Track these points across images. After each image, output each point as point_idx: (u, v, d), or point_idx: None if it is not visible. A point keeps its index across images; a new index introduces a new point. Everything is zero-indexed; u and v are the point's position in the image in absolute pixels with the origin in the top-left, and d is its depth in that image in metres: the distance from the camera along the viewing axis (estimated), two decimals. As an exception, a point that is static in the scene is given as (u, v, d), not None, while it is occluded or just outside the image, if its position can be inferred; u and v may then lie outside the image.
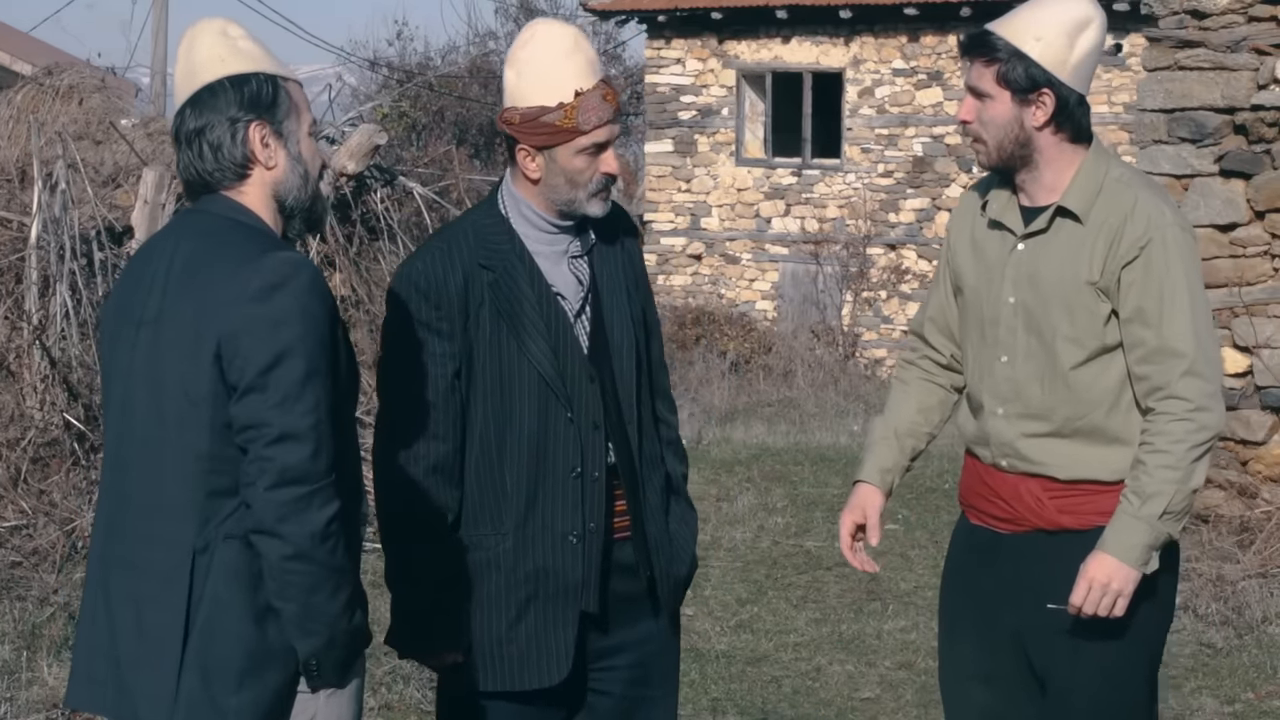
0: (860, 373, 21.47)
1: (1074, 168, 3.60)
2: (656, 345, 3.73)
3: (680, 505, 3.74)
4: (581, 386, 3.51)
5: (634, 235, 3.71)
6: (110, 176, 11.33)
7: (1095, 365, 3.57)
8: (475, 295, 3.46)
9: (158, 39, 26.15)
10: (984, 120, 3.61)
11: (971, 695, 3.76)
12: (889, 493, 3.86)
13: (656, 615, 3.67)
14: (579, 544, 3.51)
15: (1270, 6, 8.79)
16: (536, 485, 3.49)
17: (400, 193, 12.92)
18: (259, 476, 2.85)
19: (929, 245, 22.23)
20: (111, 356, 3.07)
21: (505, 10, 36.08)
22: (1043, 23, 3.54)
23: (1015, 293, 3.62)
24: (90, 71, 14.46)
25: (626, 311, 3.59)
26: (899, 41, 22.33)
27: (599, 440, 3.53)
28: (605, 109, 3.44)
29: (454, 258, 3.47)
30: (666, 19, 23.21)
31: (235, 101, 3.01)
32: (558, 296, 3.52)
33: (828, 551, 9.46)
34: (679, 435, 3.81)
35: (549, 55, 3.43)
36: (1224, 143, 8.88)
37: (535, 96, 3.42)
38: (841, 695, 6.78)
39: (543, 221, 3.53)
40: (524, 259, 3.50)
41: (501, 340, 3.47)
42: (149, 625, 2.95)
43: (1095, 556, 3.49)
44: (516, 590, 3.51)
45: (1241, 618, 7.77)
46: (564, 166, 3.45)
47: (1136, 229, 3.51)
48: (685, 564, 3.71)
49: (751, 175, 23.25)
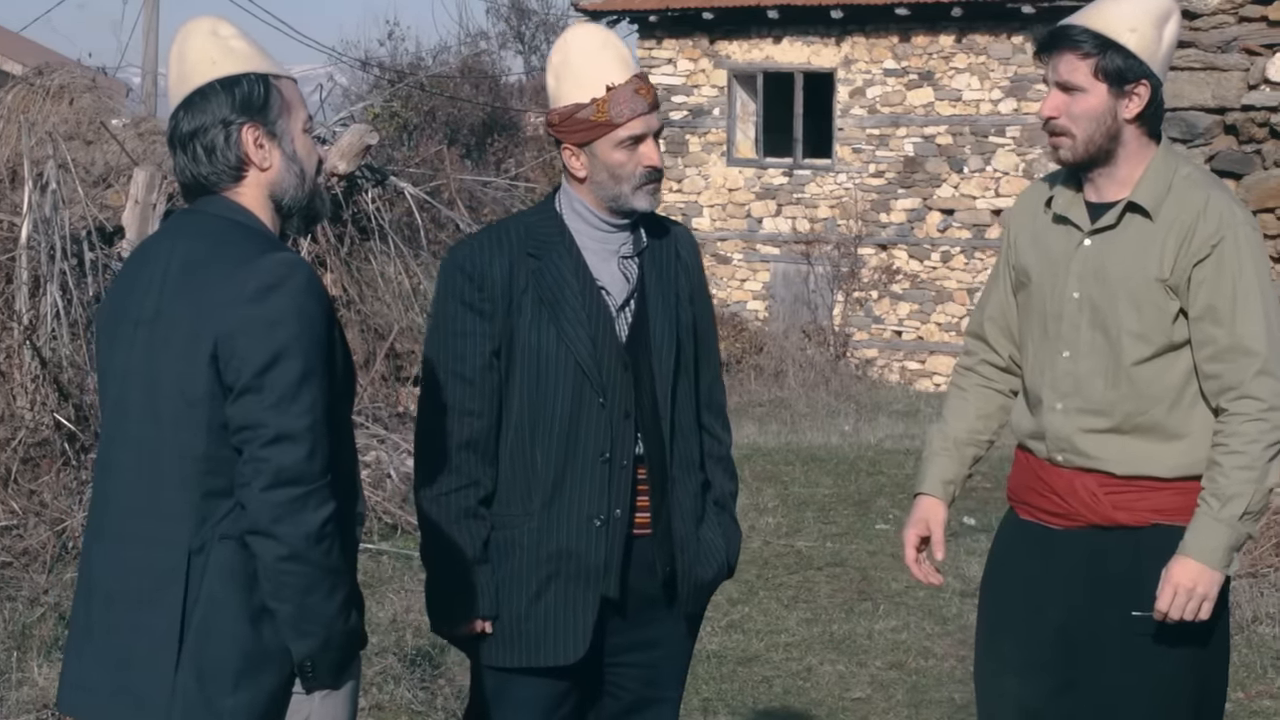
0: (851, 373, 21.49)
1: (1144, 164, 3.59)
2: (710, 360, 3.81)
3: (724, 519, 3.81)
4: (615, 374, 3.60)
5: (694, 252, 3.80)
6: (101, 176, 11.32)
7: (1160, 362, 3.56)
8: (519, 281, 3.58)
9: (149, 39, 26.12)
10: (1074, 114, 3.56)
11: (1008, 688, 3.72)
12: (951, 503, 3.85)
13: (674, 617, 3.73)
14: (603, 528, 3.59)
15: (1261, 7, 8.81)
16: (565, 467, 3.58)
17: (391, 193, 12.92)
18: (254, 477, 2.84)
19: (920, 245, 22.25)
20: (107, 357, 3.06)
21: (497, 10, 36.09)
22: (1134, 14, 3.53)
23: (1080, 288, 3.61)
24: (81, 71, 14.44)
25: (673, 315, 3.68)
26: (890, 42, 22.35)
27: (629, 429, 3.61)
28: (638, 101, 3.55)
29: (502, 244, 3.62)
30: (658, 19, 23.21)
31: (227, 104, 3.00)
32: (602, 290, 3.62)
33: (819, 551, 9.47)
34: (730, 455, 3.86)
35: (580, 55, 3.57)
36: (1215, 143, 8.90)
37: (571, 95, 3.56)
38: (832, 695, 6.78)
39: (595, 218, 3.64)
40: (572, 251, 3.62)
41: (542, 325, 3.57)
42: (144, 626, 2.94)
43: (1179, 561, 3.48)
44: (539, 569, 3.60)
45: (1232, 617, 7.76)
46: (605, 161, 3.57)
47: (1209, 227, 3.50)
48: (712, 568, 3.75)
49: (743, 175, 23.25)
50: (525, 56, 36.10)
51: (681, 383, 3.69)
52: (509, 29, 36.46)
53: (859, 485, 12.03)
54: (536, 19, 36.28)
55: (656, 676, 3.73)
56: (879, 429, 15.49)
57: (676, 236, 3.77)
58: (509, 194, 17.42)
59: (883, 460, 12.99)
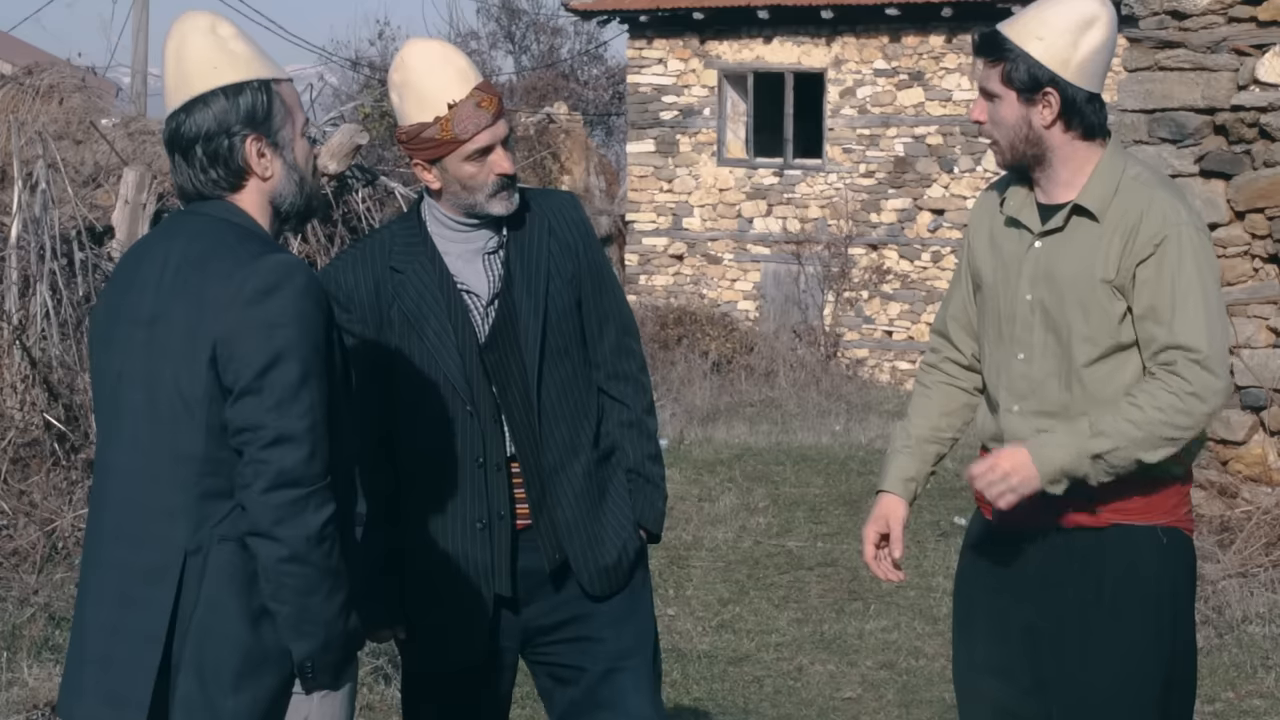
0: (842, 373, 21.49)
1: (1091, 165, 3.60)
2: (609, 327, 3.82)
3: (637, 483, 3.84)
4: (479, 381, 3.67)
5: (573, 221, 3.79)
6: (91, 176, 11.30)
7: (1110, 363, 3.57)
8: (386, 297, 3.67)
9: (138, 39, 26.08)
10: (995, 120, 3.61)
11: (983, 689, 3.74)
12: (913, 501, 3.86)
13: (594, 593, 3.77)
14: (484, 530, 3.69)
15: (1250, 7, 8.81)
16: (444, 475, 3.68)
17: (381, 193, 12.91)
18: (254, 479, 2.84)
19: (910, 245, 22.26)
20: (103, 357, 3.05)
21: (487, 10, 36.07)
22: (1046, 22, 3.55)
23: (1032, 290, 3.62)
24: (70, 71, 14.43)
25: (540, 302, 3.70)
26: (880, 42, 22.35)
27: (498, 431, 3.69)
28: (481, 115, 3.59)
29: (365, 261, 3.71)
30: (648, 19, 23.20)
31: (231, 114, 2.98)
32: (465, 292, 3.68)
33: (809, 551, 9.47)
34: (644, 416, 3.87)
35: (418, 74, 3.61)
36: (1204, 143, 8.91)
37: (414, 115, 3.61)
38: (823, 695, 6.79)
39: (452, 222, 3.70)
40: (434, 259, 3.69)
41: (410, 337, 3.66)
42: (131, 626, 2.94)
43: (1014, 447, 3.51)
44: (431, 575, 3.72)
45: (1222, 617, 7.78)
46: (456, 175, 3.62)
47: (1151, 227, 3.51)
48: (613, 549, 3.77)
49: (733, 175, 23.25)
50: (515, 56, 36.09)
51: (559, 366, 3.72)
52: (499, 29, 36.45)
53: (850, 485, 12.04)
54: (527, 19, 36.27)
55: (599, 650, 3.76)
56: (870, 429, 15.50)
57: (549, 211, 3.78)
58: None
59: (873, 460, 12.99)
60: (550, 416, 3.71)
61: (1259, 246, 8.87)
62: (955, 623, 3.86)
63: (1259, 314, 8.90)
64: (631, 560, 3.82)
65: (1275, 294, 8.84)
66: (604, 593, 3.77)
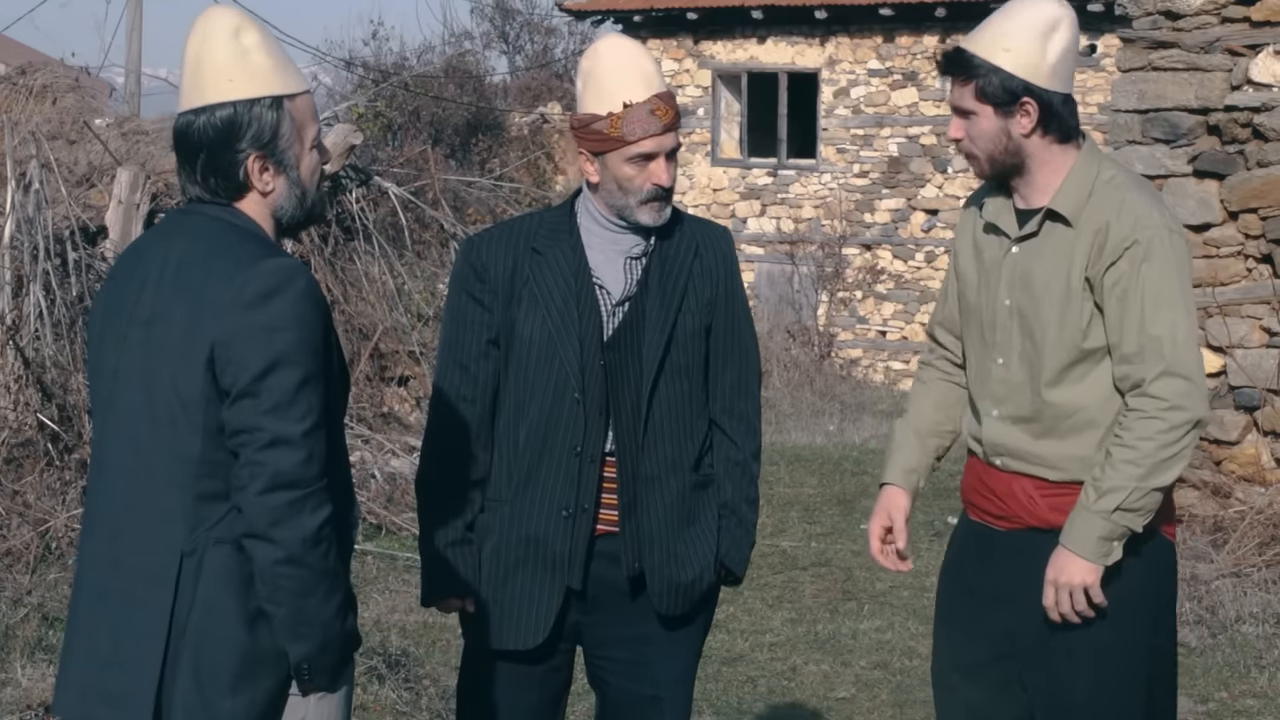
0: (836, 373, 21.50)
1: (1066, 168, 3.61)
2: (733, 365, 3.84)
3: (729, 523, 3.86)
4: (594, 371, 3.69)
5: (724, 256, 3.84)
6: (84, 176, 11.29)
7: (1084, 366, 3.58)
8: (522, 274, 3.72)
9: (132, 39, 26.05)
10: (973, 136, 3.62)
11: (959, 689, 3.78)
12: (915, 492, 3.87)
13: (659, 616, 3.77)
14: (569, 519, 3.70)
15: (1244, 7, 8.83)
16: (541, 457, 3.71)
17: (376, 193, 12.90)
18: (251, 481, 2.84)
19: (904, 245, 22.27)
20: (100, 356, 3.05)
21: (481, 10, 36.06)
22: (1009, 32, 3.55)
23: (1010, 295, 3.64)
24: (64, 71, 14.42)
25: (670, 318, 3.73)
26: (874, 42, 22.37)
27: (602, 424, 3.70)
28: (652, 122, 3.63)
29: (510, 239, 3.77)
30: (642, 19, 23.21)
31: (237, 132, 2.97)
32: (598, 286, 3.72)
33: (804, 551, 9.47)
34: (750, 459, 3.88)
35: (604, 68, 3.67)
36: (1198, 143, 8.92)
37: (590, 105, 3.68)
38: (817, 695, 6.79)
39: (603, 219, 3.75)
40: (576, 249, 3.74)
41: (534, 319, 3.70)
42: (131, 625, 2.94)
43: (1056, 555, 3.53)
44: (509, 554, 3.74)
45: (1215, 617, 7.79)
46: (615, 173, 3.67)
47: (1122, 230, 3.52)
48: (692, 570, 3.78)
49: (727, 175, 23.27)
50: (510, 56, 36.08)
51: (675, 383, 3.74)
52: (493, 29, 36.42)
53: (843, 485, 12.04)
54: (521, 19, 36.25)
55: (648, 675, 3.79)
56: (863, 429, 15.50)
57: (702, 239, 3.83)
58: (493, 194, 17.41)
59: (867, 460, 12.99)
60: (656, 428, 3.73)
61: (1252, 246, 8.88)
62: (935, 622, 3.89)
63: (1252, 314, 8.91)
64: (704, 589, 3.84)
65: (1268, 294, 8.85)
66: (671, 611, 3.77)
